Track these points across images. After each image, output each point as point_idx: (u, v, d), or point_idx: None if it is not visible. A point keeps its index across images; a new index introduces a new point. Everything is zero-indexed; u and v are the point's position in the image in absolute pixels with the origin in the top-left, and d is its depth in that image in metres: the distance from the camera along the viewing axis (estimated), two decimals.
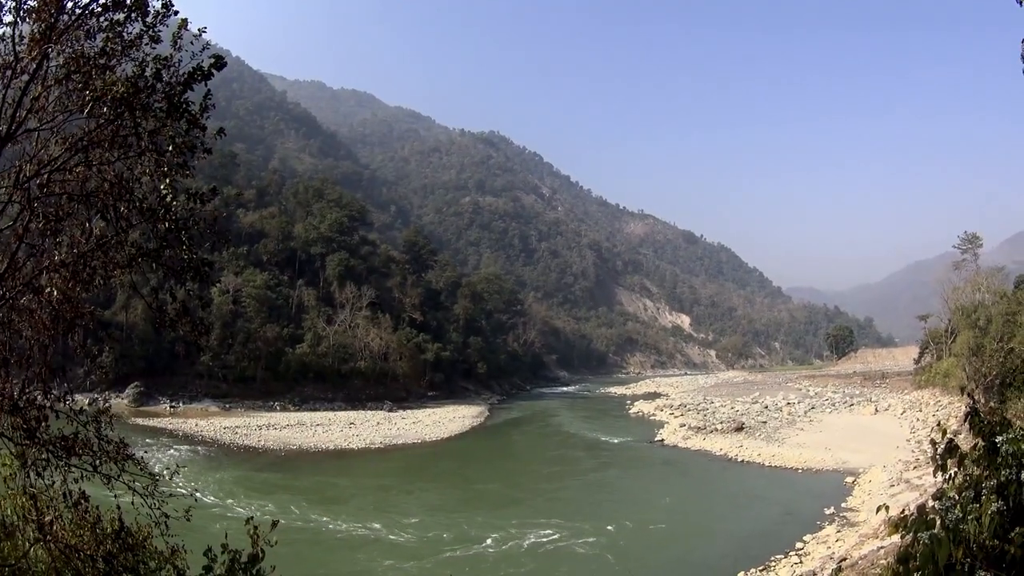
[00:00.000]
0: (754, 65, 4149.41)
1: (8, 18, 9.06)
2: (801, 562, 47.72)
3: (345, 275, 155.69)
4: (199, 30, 9.48)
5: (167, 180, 9.20)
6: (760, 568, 47.22)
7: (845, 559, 43.19)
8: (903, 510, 7.52)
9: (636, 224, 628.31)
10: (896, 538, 7.34)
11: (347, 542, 53.22)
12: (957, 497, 7.03)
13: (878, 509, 9.27)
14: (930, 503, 7.20)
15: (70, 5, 9.11)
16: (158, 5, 9.34)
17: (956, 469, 7.41)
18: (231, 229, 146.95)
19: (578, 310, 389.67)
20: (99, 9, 9.20)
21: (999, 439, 7.03)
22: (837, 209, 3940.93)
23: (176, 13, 9.59)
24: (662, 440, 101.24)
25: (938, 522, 6.76)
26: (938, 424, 8.95)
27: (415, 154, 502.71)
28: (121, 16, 9.20)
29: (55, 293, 9.30)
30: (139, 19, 9.22)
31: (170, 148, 9.20)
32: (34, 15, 8.95)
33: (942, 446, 7.47)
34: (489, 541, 54.02)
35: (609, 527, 57.47)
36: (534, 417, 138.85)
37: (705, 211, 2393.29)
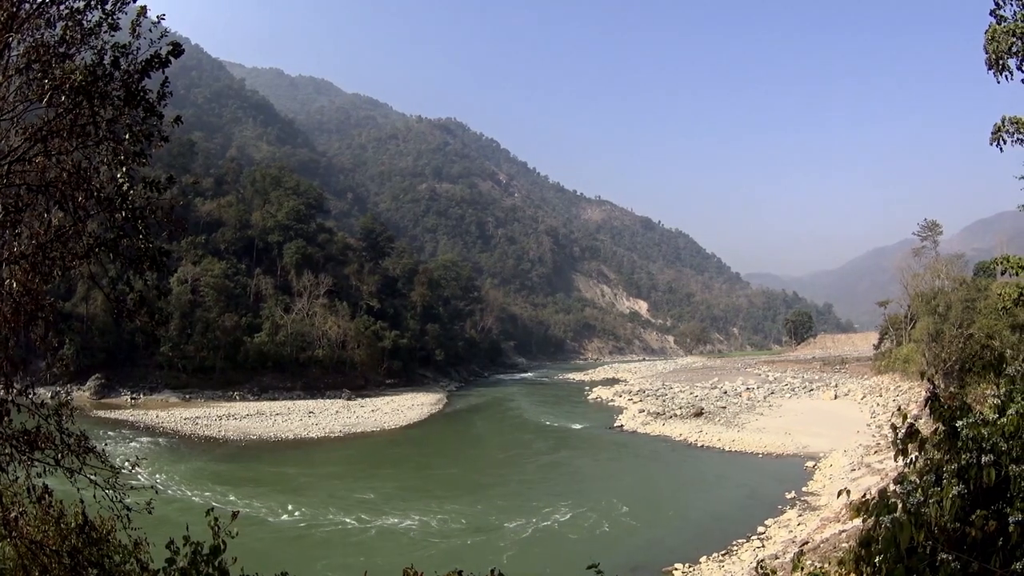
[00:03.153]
0: (719, 56, 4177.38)
1: None
2: (763, 546, 48.21)
3: (302, 263, 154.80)
4: (158, 17, 9.39)
5: (123, 169, 9.10)
6: (722, 552, 47.67)
7: (807, 542, 43.61)
8: (864, 494, 7.58)
9: (593, 210, 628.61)
10: (858, 522, 7.42)
11: (308, 532, 53.11)
12: (918, 481, 7.10)
13: (839, 493, 9.34)
14: (892, 487, 7.26)
15: None
16: None
17: (917, 453, 7.48)
18: (189, 218, 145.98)
19: (536, 296, 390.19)
20: None
21: (959, 423, 7.11)
22: (796, 195, 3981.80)
23: (135, 0, 9.49)
24: (621, 426, 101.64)
25: (900, 506, 6.81)
26: (898, 409, 9.03)
27: (372, 141, 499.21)
28: (81, 4, 9.10)
29: (15, 285, 9.20)
30: (98, 7, 9.11)
31: (127, 136, 9.10)
32: None
33: (903, 431, 7.52)
34: (451, 529, 54.18)
35: (571, 513, 57.77)
36: (493, 404, 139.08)
37: (663, 197, 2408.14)
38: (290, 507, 58.26)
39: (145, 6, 9.31)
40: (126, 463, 12.30)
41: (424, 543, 50.73)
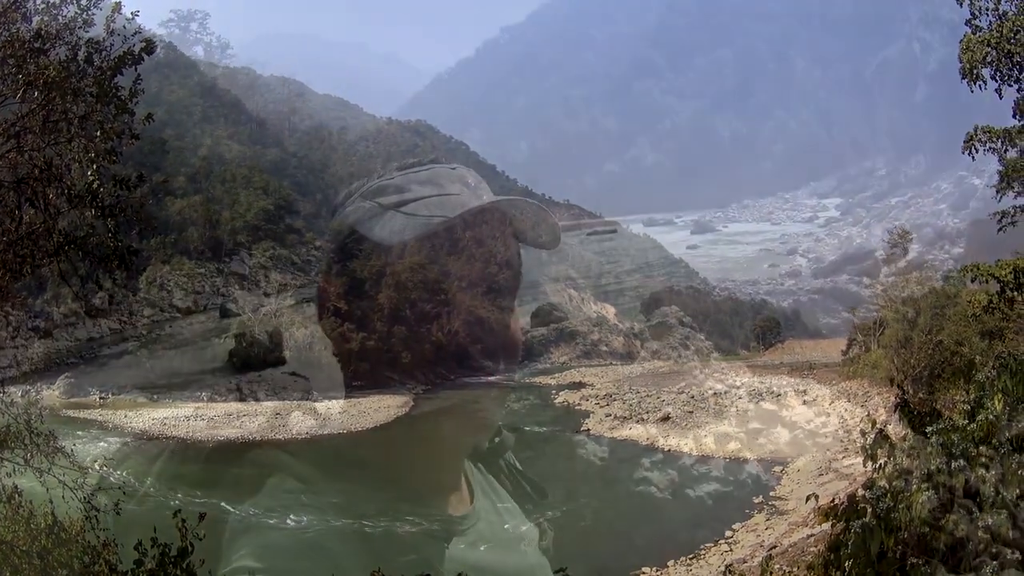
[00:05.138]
0: (683, 50, 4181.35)
1: None
2: (731, 550, 48.17)
3: (271, 264, 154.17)
4: (131, 14, 9.33)
5: (94, 166, 9.04)
6: (690, 556, 47.61)
7: (775, 547, 43.67)
8: (833, 499, 7.63)
9: (561, 214, 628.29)
10: (827, 526, 7.45)
11: (278, 535, 52.88)
12: (888, 486, 7.14)
13: (808, 498, 9.41)
14: (860, 492, 7.31)
15: None
16: None
17: (887, 459, 7.53)
18: (159, 216, 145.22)
19: (503, 300, 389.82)
20: None
21: (929, 429, 7.16)
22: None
23: None
24: (588, 429, 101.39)
25: (869, 511, 6.85)
26: (868, 415, 9.10)
27: (342, 142, 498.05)
28: None
29: None
30: (74, 1, 9.06)
31: (99, 133, 9.04)
32: None
33: (872, 436, 7.57)
34: (418, 532, 54.01)
35: (537, 516, 57.67)
36: (459, 406, 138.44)
37: (633, 203, 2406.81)
38: (256, 509, 57.92)
39: (119, 2, 9.25)
40: (95, 463, 12.27)
41: (391, 546, 50.55)
